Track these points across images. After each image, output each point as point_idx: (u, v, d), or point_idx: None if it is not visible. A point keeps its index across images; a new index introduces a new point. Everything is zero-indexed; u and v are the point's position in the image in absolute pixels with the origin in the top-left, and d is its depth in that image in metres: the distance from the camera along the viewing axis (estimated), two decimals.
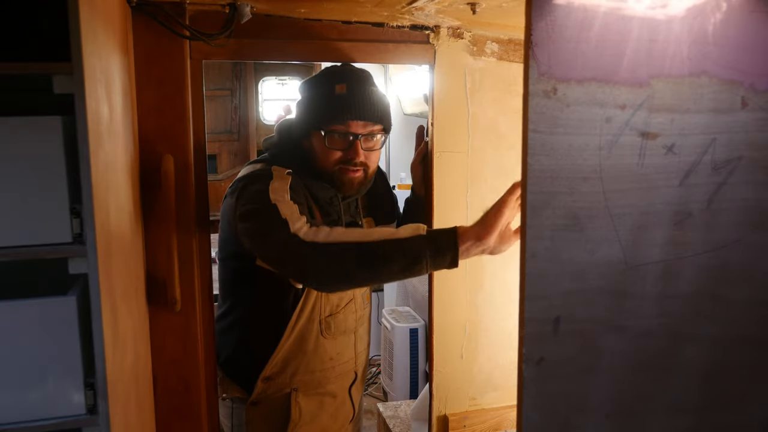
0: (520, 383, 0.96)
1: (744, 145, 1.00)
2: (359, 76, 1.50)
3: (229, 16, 1.34)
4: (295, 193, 1.41)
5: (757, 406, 1.09)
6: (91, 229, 0.93)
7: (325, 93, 1.48)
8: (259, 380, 1.53)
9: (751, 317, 1.06)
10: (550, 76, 0.89)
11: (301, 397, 1.56)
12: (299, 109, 1.56)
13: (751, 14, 0.97)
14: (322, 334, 1.55)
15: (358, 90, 1.46)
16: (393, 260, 1.24)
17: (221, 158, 5.19)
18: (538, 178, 0.91)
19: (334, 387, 1.62)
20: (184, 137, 1.37)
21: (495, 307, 1.71)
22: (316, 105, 1.49)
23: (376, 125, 1.49)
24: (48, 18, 1.07)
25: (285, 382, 1.54)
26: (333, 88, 1.46)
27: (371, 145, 1.50)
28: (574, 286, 0.96)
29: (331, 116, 1.45)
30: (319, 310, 1.54)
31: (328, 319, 1.56)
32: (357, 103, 1.45)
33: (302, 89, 1.56)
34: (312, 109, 1.50)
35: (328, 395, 1.61)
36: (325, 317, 1.55)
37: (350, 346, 1.63)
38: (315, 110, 1.49)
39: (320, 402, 1.60)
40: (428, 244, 1.26)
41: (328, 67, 1.54)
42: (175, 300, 1.37)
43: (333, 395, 1.62)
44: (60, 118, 0.98)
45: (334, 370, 1.59)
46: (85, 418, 1.00)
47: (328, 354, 1.57)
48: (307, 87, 1.54)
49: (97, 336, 0.95)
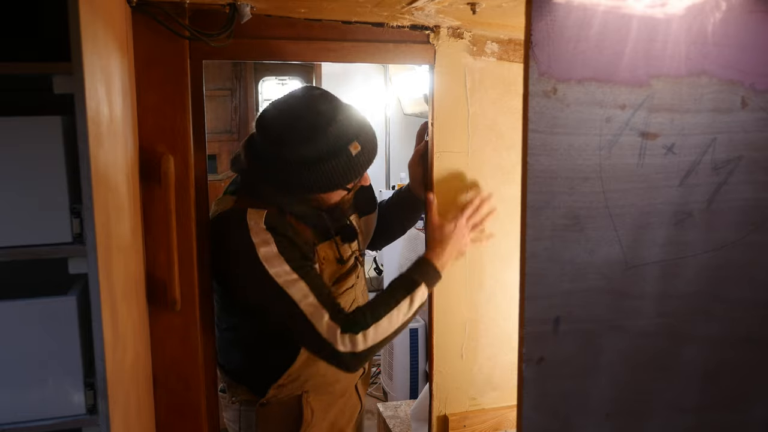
0: (520, 383, 0.96)
1: (744, 145, 1.00)
2: (363, 121, 1.42)
3: (229, 16, 1.34)
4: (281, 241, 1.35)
5: (757, 406, 1.09)
6: (91, 229, 0.93)
7: (341, 160, 1.36)
8: (272, 388, 1.52)
9: (751, 317, 1.06)
10: (550, 76, 0.89)
11: (313, 397, 1.55)
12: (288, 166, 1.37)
13: (750, 14, 0.97)
14: None
15: (368, 139, 1.40)
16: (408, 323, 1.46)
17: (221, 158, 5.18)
18: (538, 178, 0.91)
19: (344, 385, 1.61)
20: (184, 137, 1.37)
21: (495, 307, 1.71)
22: (331, 174, 1.37)
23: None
24: (48, 18, 1.07)
25: (297, 386, 1.53)
26: (347, 150, 1.36)
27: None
28: (574, 286, 0.96)
29: (349, 180, 1.41)
30: None
31: None
32: (369, 153, 1.41)
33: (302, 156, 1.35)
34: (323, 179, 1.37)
35: (338, 395, 1.60)
36: None
37: None
38: (332, 177, 1.38)
39: (331, 401, 1.59)
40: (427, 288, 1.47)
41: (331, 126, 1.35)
42: (175, 300, 1.37)
43: (342, 393, 1.62)
44: (60, 118, 0.98)
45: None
46: (85, 418, 1.00)
47: None
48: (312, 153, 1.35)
49: (97, 336, 0.95)
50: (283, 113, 1.40)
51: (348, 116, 1.39)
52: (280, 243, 1.36)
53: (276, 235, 1.36)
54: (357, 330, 1.36)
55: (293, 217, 1.45)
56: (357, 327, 1.36)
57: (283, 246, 1.36)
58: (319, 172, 1.36)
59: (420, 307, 1.45)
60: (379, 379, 3.64)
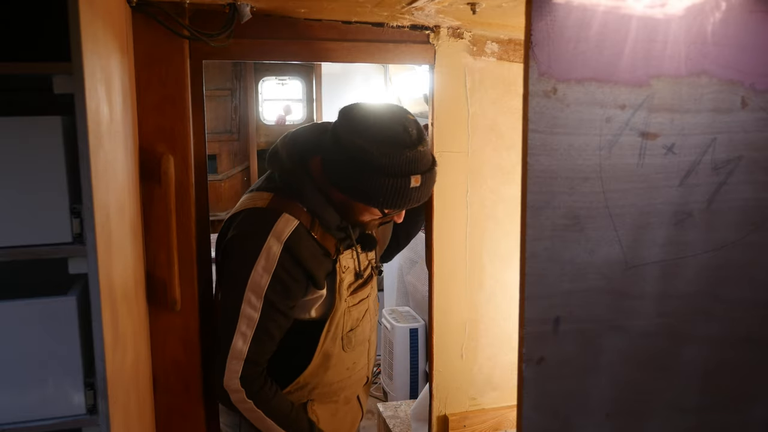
0: (520, 383, 0.96)
1: (744, 145, 1.00)
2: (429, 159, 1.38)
3: (229, 16, 1.34)
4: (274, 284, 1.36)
5: (757, 406, 1.09)
6: (91, 229, 0.93)
7: (398, 184, 1.33)
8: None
9: (751, 317, 1.06)
10: (550, 76, 0.89)
11: (317, 406, 1.55)
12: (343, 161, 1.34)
13: (750, 14, 0.97)
14: (343, 348, 1.53)
15: (428, 179, 1.38)
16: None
17: (221, 158, 5.18)
18: (538, 178, 0.91)
19: (348, 393, 1.61)
20: (184, 137, 1.37)
21: (495, 307, 1.71)
22: (383, 190, 1.33)
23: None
24: (48, 18, 1.07)
25: (304, 394, 1.53)
26: (408, 179, 1.33)
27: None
28: (574, 286, 0.96)
29: (398, 205, 1.37)
30: (341, 327, 1.51)
31: (349, 334, 1.53)
32: (424, 192, 1.39)
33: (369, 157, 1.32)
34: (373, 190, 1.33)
35: (341, 402, 1.60)
36: (346, 333, 1.53)
37: (365, 354, 1.61)
38: (378, 193, 1.34)
39: (335, 409, 1.59)
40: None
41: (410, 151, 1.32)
42: (175, 300, 1.37)
43: (346, 401, 1.62)
44: (60, 118, 0.98)
45: (350, 379, 1.58)
46: (85, 418, 1.00)
47: (345, 365, 1.55)
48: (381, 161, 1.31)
49: (97, 336, 0.95)
50: (377, 111, 1.38)
51: (426, 151, 1.38)
52: (272, 283, 1.36)
53: (275, 275, 1.36)
54: (248, 395, 1.39)
55: (321, 228, 1.42)
56: (249, 394, 1.40)
57: (273, 288, 1.37)
58: (373, 182, 1.33)
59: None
60: (379, 379, 3.64)
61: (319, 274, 1.41)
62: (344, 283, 1.48)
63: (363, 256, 1.55)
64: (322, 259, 1.42)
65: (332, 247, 1.44)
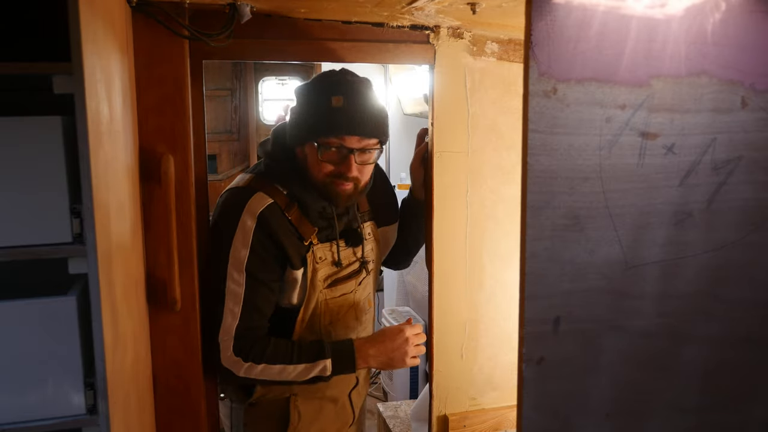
0: (520, 383, 0.96)
1: (744, 145, 1.00)
2: (357, 87, 1.44)
3: (229, 16, 1.34)
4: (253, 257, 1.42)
5: (757, 406, 1.09)
6: (91, 229, 0.93)
7: (320, 104, 1.41)
8: (258, 386, 1.52)
9: (751, 317, 1.06)
10: (550, 76, 0.89)
11: (301, 401, 1.55)
12: (293, 115, 1.49)
13: (750, 14, 0.97)
14: None
15: (354, 103, 1.41)
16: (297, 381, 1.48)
17: (221, 158, 5.18)
18: (538, 178, 0.91)
19: (335, 392, 1.60)
20: (184, 137, 1.37)
21: (495, 307, 1.71)
22: (311, 116, 1.43)
23: (371, 139, 1.44)
24: (48, 18, 1.07)
25: (286, 388, 1.53)
26: (329, 99, 1.40)
27: (365, 159, 1.46)
28: (573, 286, 0.96)
29: (325, 129, 1.41)
30: (319, 319, 1.53)
31: (328, 327, 1.54)
32: (353, 117, 1.40)
33: (297, 94, 1.49)
34: (306, 120, 1.44)
35: (327, 400, 1.60)
36: (325, 325, 1.54)
37: None
38: (309, 121, 1.43)
39: (320, 406, 1.59)
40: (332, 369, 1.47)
41: (326, 74, 1.48)
42: (175, 300, 1.37)
43: (333, 400, 1.61)
44: (60, 118, 0.98)
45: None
46: (85, 418, 1.00)
47: None
48: (302, 94, 1.47)
49: (97, 336, 0.95)
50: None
51: (348, 79, 1.46)
52: (251, 257, 1.42)
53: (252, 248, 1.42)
54: (245, 359, 1.43)
55: (298, 212, 1.47)
56: (247, 356, 1.43)
57: (251, 261, 1.42)
58: (301, 112, 1.46)
59: (315, 378, 1.46)
60: (379, 379, 3.64)
61: (292, 252, 1.46)
62: (318, 273, 1.50)
63: (349, 251, 1.55)
64: (295, 240, 1.47)
65: (308, 234, 1.48)
